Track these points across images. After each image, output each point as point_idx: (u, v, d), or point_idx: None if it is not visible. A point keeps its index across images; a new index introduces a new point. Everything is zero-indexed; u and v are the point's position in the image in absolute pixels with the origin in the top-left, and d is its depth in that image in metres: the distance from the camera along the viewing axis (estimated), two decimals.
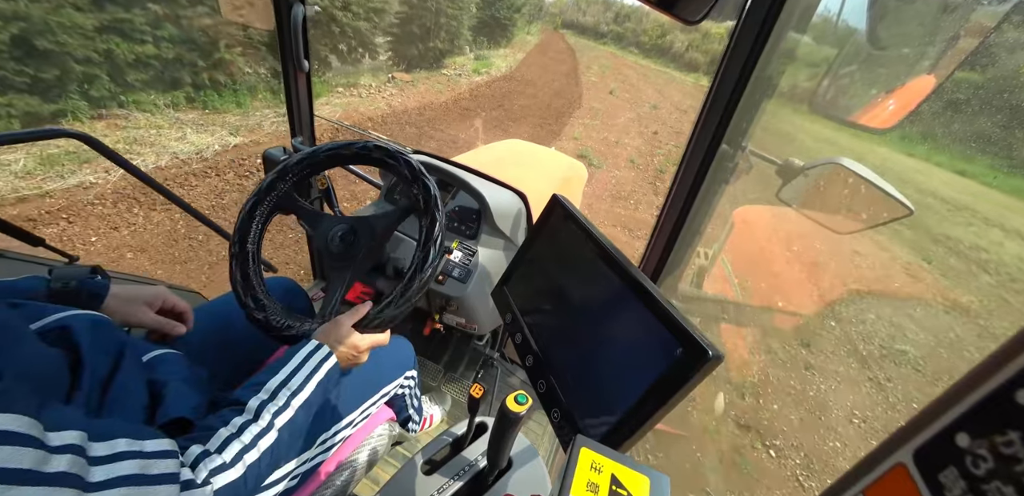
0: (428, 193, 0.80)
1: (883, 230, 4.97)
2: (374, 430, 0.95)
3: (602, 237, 0.72)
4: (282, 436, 0.58)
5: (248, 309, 0.80)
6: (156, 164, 4.14)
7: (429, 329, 1.37)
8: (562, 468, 0.42)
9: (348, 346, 0.72)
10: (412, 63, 9.46)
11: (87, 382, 0.50)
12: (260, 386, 0.61)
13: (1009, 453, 0.18)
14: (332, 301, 0.82)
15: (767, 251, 3.96)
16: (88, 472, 0.37)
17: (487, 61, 12.14)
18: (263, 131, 5.26)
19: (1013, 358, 0.18)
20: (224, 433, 0.53)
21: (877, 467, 0.23)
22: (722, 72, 0.78)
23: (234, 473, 0.50)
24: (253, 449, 0.54)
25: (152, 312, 0.77)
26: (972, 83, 6.69)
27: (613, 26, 23.24)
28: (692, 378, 0.51)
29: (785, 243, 4.25)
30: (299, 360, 0.66)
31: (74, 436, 0.37)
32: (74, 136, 1.08)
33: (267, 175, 0.89)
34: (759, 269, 3.75)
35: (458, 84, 9.66)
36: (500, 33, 14.39)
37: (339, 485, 0.85)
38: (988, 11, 0.79)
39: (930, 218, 5.69)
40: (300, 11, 1.19)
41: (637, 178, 6.41)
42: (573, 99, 10.32)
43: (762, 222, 4.25)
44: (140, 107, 4.83)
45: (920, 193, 6.47)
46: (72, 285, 0.69)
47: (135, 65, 4.72)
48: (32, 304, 0.58)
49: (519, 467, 0.80)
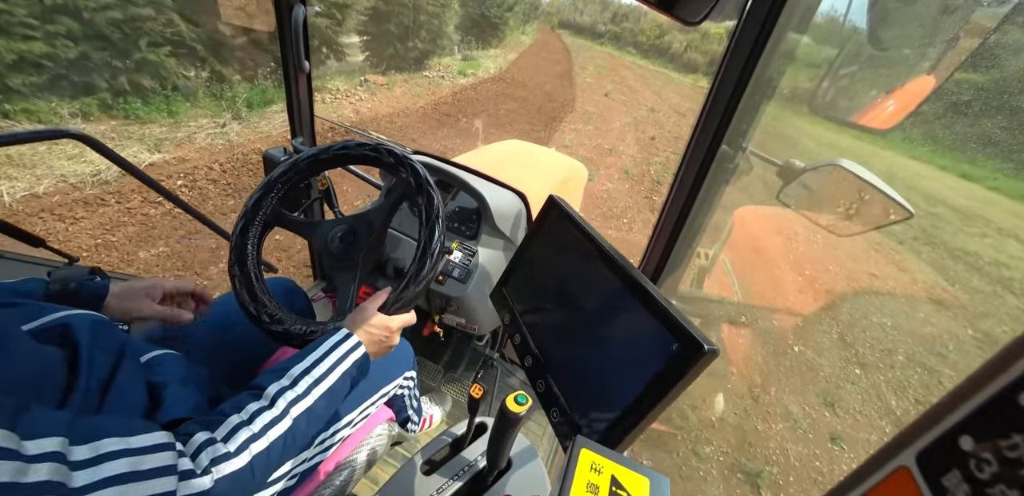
0: (417, 174, 0.80)
1: (900, 247, 4.80)
2: (373, 430, 0.95)
3: (598, 236, 0.73)
4: (297, 425, 0.56)
5: (264, 324, 0.80)
6: (31, 191, 3.22)
7: (429, 329, 1.37)
8: (562, 468, 0.42)
9: (379, 328, 0.71)
10: (390, 65, 8.70)
11: (85, 382, 0.50)
12: (283, 372, 0.60)
13: (1013, 456, 0.17)
14: (348, 297, 0.82)
15: (779, 279, 3.80)
16: (71, 478, 0.37)
17: (475, 62, 11.48)
18: (193, 145, 4.43)
19: (1016, 361, 0.18)
20: (235, 420, 0.52)
21: (880, 470, 0.23)
22: (722, 72, 0.78)
23: (238, 462, 0.49)
24: (262, 438, 0.52)
25: (155, 304, 0.76)
26: (974, 84, 6.60)
27: (611, 26, 23.16)
28: (688, 372, 0.51)
29: (796, 267, 4.05)
30: (326, 348, 0.65)
31: (53, 443, 0.37)
32: (74, 136, 1.08)
33: (252, 194, 0.89)
34: (774, 294, 3.60)
35: (440, 87, 8.91)
36: (491, 33, 13.83)
37: (338, 485, 0.85)
38: (988, 12, 0.79)
39: (944, 230, 5.43)
40: (301, 12, 1.19)
41: (632, 191, 5.84)
42: (566, 102, 9.72)
43: (768, 235, 4.18)
44: (32, 116, 4.01)
45: (929, 202, 6.29)
46: (71, 287, 0.69)
47: (18, 66, 3.89)
48: (32, 303, 0.57)
49: (519, 467, 0.80)
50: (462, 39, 12.80)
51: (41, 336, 0.52)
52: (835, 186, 0.94)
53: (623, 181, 6.16)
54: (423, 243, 0.76)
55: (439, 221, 0.77)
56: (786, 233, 4.53)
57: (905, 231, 5.21)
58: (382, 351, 0.74)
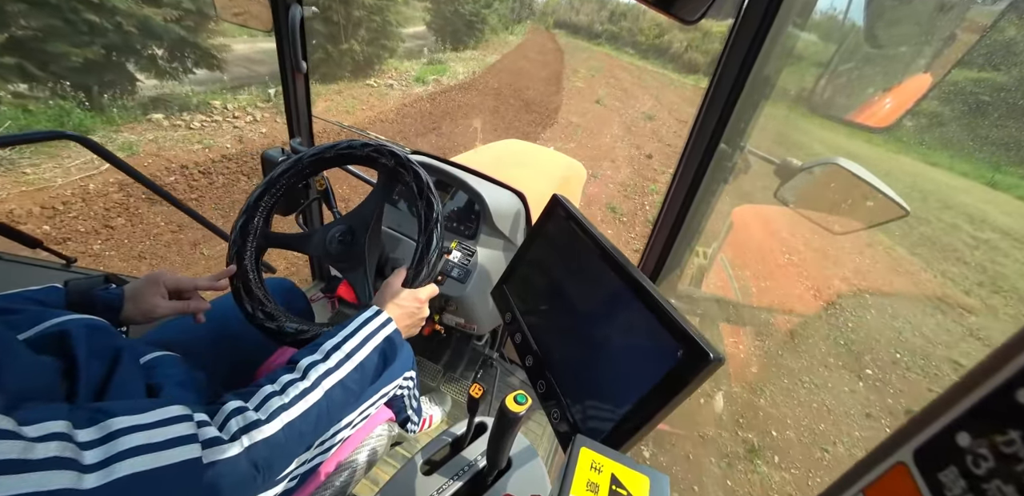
0: (399, 158, 0.82)
1: (974, 320, 3.53)
2: (373, 430, 0.95)
3: (603, 237, 0.72)
4: (330, 397, 0.57)
5: (257, 320, 0.80)
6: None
7: (428, 329, 1.37)
8: (562, 468, 0.42)
9: (408, 299, 0.74)
10: (315, 71, 7.02)
11: (83, 388, 0.50)
12: (317, 347, 0.62)
13: (1010, 452, 0.18)
14: (365, 288, 0.83)
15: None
16: (80, 455, 0.36)
17: (442, 66, 10.00)
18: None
19: (1014, 357, 0.18)
20: (267, 389, 0.53)
21: (877, 466, 0.23)
22: (720, 71, 0.78)
23: (269, 429, 0.49)
24: (293, 407, 0.53)
25: (166, 300, 0.76)
26: (996, 84, 6.15)
27: (608, 25, 22.99)
28: (693, 380, 0.51)
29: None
30: (357, 323, 0.67)
31: (57, 425, 0.37)
32: (72, 138, 1.08)
33: (254, 190, 0.89)
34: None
35: (385, 98, 7.28)
36: (466, 32, 12.20)
37: (338, 486, 0.85)
38: (984, 10, 0.80)
39: (1008, 265, 4.46)
40: (298, 12, 1.19)
41: (617, 237, 4.35)
42: (547, 113, 8.15)
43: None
44: None
45: (974, 224, 5.43)
46: (88, 296, 0.69)
47: None
48: (29, 310, 0.57)
49: (519, 467, 0.80)
50: (438, 40, 11.49)
51: (38, 344, 0.52)
52: (832, 184, 0.94)
53: (607, 224, 4.62)
54: (422, 214, 0.79)
55: (430, 190, 0.80)
56: (814, 279, 4.14)
57: (965, 276, 4.25)
58: (415, 323, 0.76)
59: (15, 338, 0.50)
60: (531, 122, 7.59)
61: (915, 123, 7.48)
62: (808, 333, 3.26)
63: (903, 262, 4.61)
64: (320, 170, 0.92)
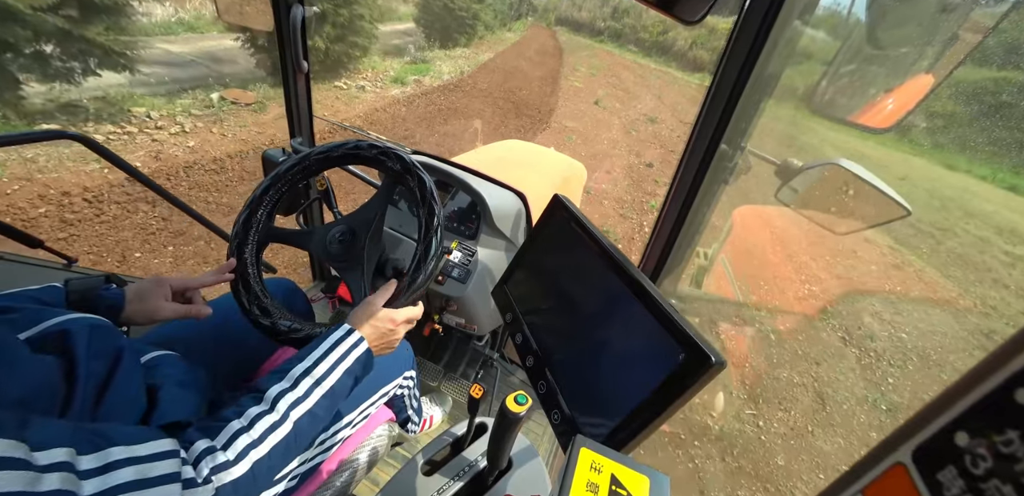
0: (404, 162, 0.82)
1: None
2: (373, 431, 0.95)
3: (604, 238, 0.72)
4: (298, 428, 0.56)
5: (252, 316, 0.80)
6: None
7: (429, 329, 1.37)
8: (562, 468, 0.42)
9: (383, 320, 0.71)
10: (267, 72, 6.00)
11: (82, 389, 0.50)
12: (284, 373, 0.60)
13: (1008, 452, 0.18)
14: (361, 293, 0.83)
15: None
16: (79, 486, 0.38)
17: (426, 66, 9.15)
18: None
19: (1012, 357, 0.18)
20: (235, 426, 0.52)
21: (876, 466, 0.23)
22: (722, 70, 0.78)
23: (238, 470, 0.49)
24: (261, 444, 0.52)
25: (169, 302, 0.76)
26: (1017, 83, 5.62)
27: (611, 22, 22.79)
28: (694, 384, 0.51)
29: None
30: (328, 346, 0.64)
31: (61, 453, 0.38)
32: (72, 137, 1.08)
33: (259, 185, 0.89)
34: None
35: (355, 102, 6.47)
36: (456, 29, 11.28)
37: (339, 486, 0.85)
38: (987, 11, 0.80)
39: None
40: (299, 12, 1.19)
41: None
42: (539, 117, 7.41)
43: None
44: None
45: (1003, 236, 5.05)
46: (89, 296, 0.69)
47: None
48: (28, 309, 0.57)
49: (519, 467, 0.80)
50: (427, 37, 10.80)
51: (39, 344, 0.52)
52: (833, 185, 0.94)
53: None
54: (423, 222, 0.78)
55: (432, 198, 0.79)
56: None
57: (1008, 303, 4.01)
58: (388, 344, 0.73)
59: (16, 337, 0.51)
60: (520, 127, 6.91)
61: (930, 124, 7.17)
62: (841, 398, 2.84)
63: (938, 288, 4.26)
64: (325, 168, 0.93)
